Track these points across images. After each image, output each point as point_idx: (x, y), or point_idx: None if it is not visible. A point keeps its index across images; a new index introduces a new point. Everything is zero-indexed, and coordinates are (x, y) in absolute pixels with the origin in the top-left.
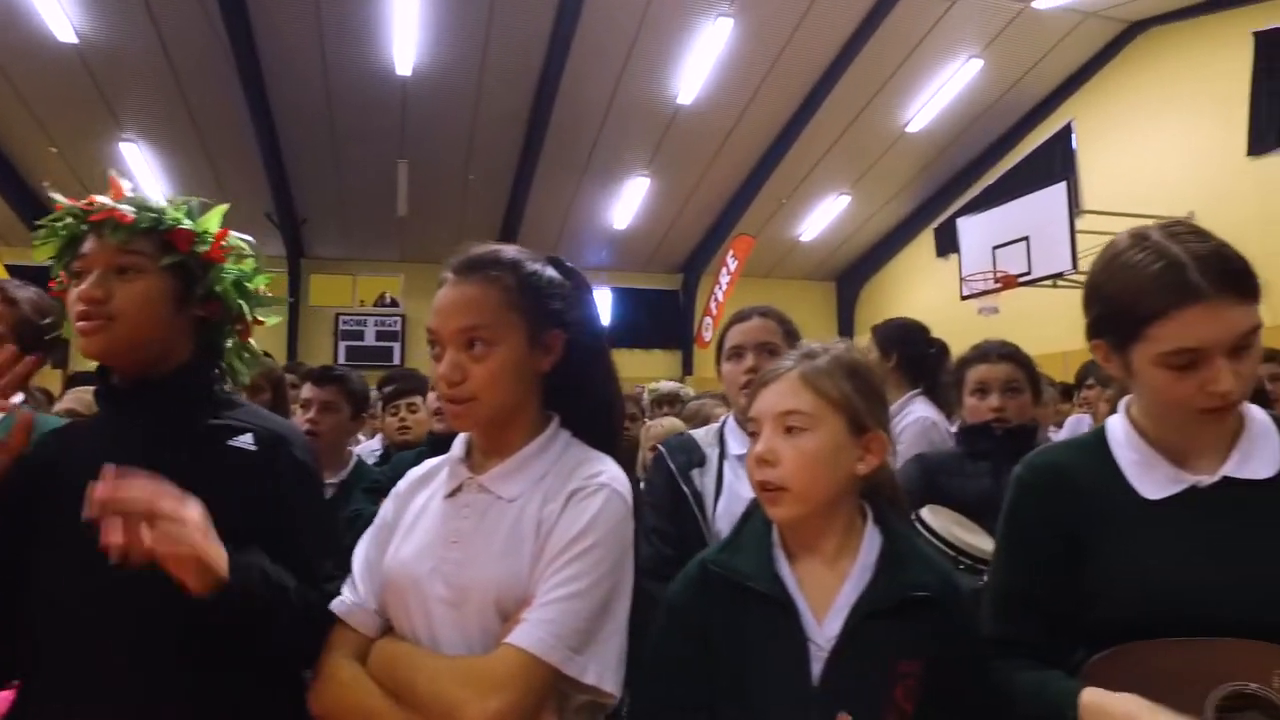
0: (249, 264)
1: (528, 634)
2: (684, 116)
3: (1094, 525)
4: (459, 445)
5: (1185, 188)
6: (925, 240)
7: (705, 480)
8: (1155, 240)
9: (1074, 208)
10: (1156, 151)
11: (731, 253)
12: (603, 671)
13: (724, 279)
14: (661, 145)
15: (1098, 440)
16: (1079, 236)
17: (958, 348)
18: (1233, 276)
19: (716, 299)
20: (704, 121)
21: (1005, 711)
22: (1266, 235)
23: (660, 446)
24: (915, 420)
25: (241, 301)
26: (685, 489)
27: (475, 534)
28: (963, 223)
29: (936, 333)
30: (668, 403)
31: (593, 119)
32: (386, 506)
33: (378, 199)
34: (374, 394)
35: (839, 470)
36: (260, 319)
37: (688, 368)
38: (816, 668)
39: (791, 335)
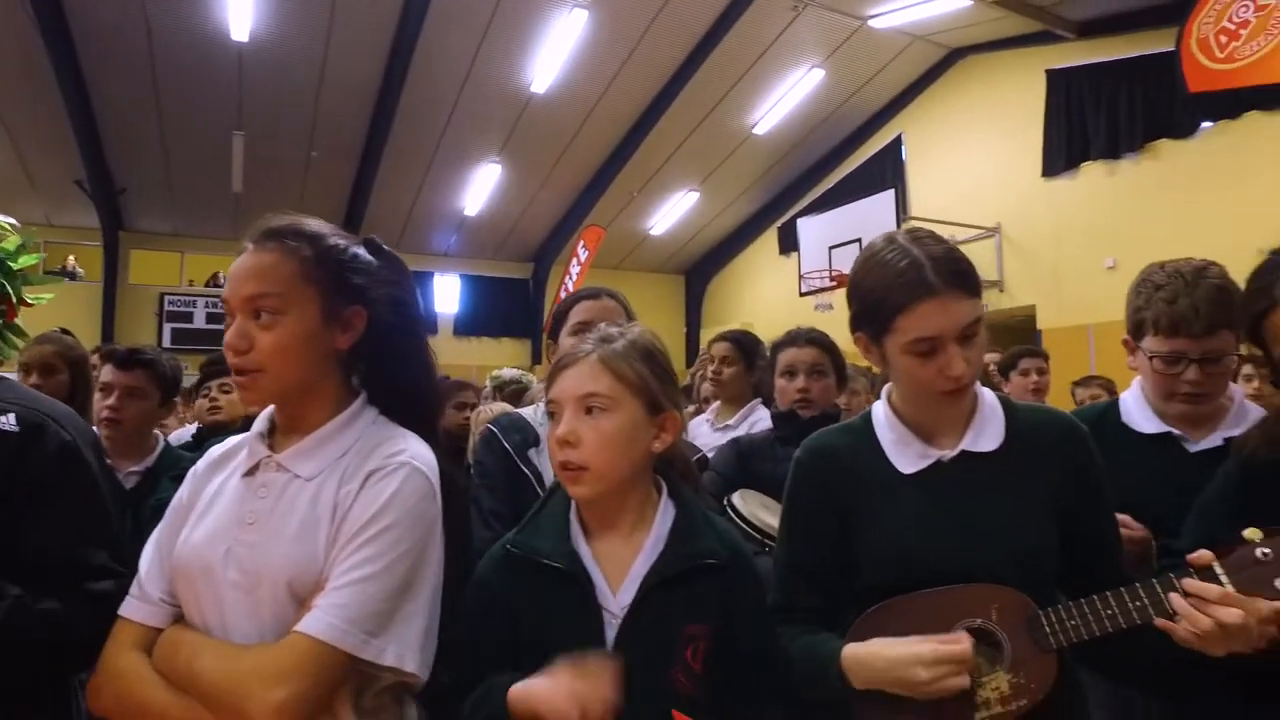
0: (11, 242)
1: (317, 620)
2: (537, 105)
3: (860, 498)
4: (260, 422)
5: (993, 202)
6: (769, 238)
7: (543, 460)
8: (900, 243)
9: (901, 214)
10: (971, 167)
11: (582, 243)
12: (403, 652)
13: (574, 269)
14: (514, 133)
15: (864, 423)
16: None
17: None
18: (960, 275)
19: (567, 288)
20: (557, 111)
21: (785, 673)
22: (1057, 247)
23: (491, 426)
24: (767, 428)
25: (2, 280)
26: (525, 470)
27: (271, 515)
28: (802, 223)
29: (777, 326)
30: (518, 392)
31: (444, 101)
32: (184, 487)
33: (210, 172)
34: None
35: (636, 449)
36: (28, 300)
37: (537, 357)
38: (611, 635)
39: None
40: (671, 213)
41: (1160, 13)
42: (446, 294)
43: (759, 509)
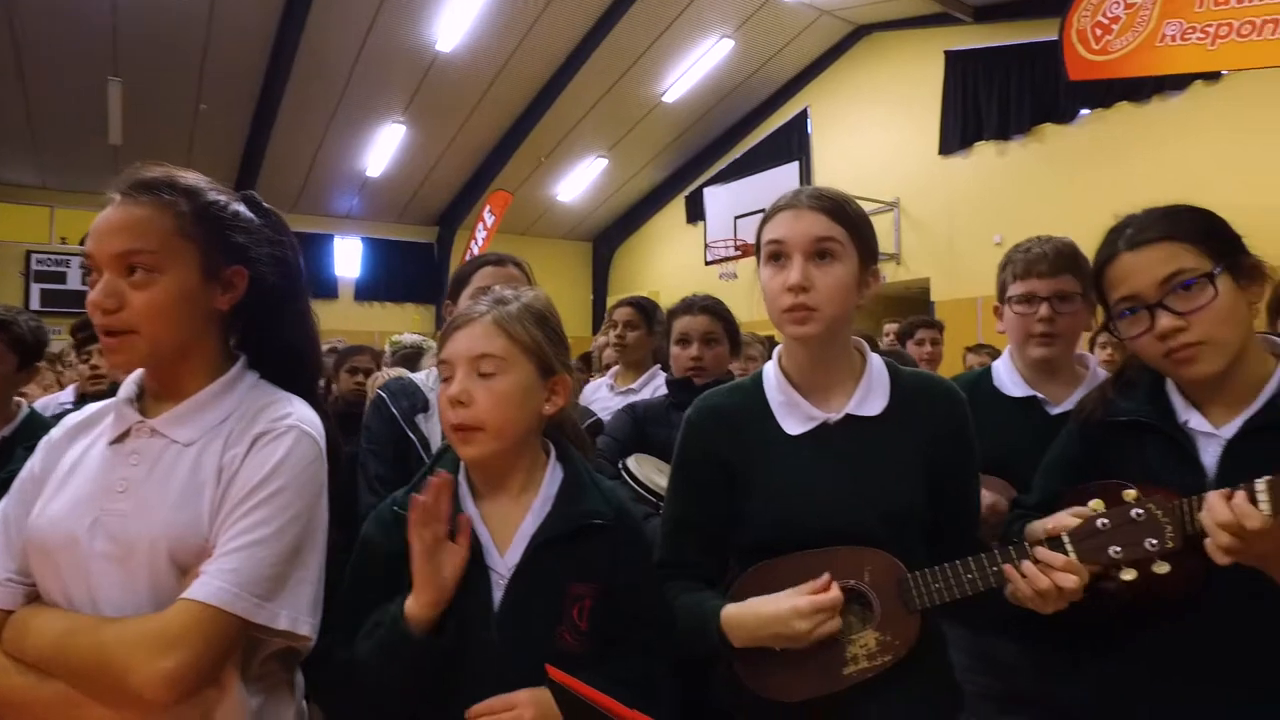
0: None
1: (206, 585)
2: (443, 64)
3: (746, 458)
4: (128, 387)
5: (894, 176)
6: (677, 207)
7: (430, 425)
8: (803, 186)
9: (806, 186)
10: (873, 142)
11: (489, 208)
12: (296, 616)
13: (480, 234)
14: (419, 92)
15: (755, 384)
16: None
17: None
18: (820, 197)
19: (473, 253)
20: (463, 72)
21: (670, 631)
22: (951, 223)
23: (380, 391)
24: (664, 394)
25: None
26: (411, 435)
27: (146, 482)
28: (709, 192)
29: (683, 294)
30: (410, 356)
31: (345, 55)
32: (35, 458)
33: (83, 122)
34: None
35: (528, 410)
36: None
37: (440, 322)
38: (498, 595)
39: None
40: (580, 179)
41: (1049, 1)
42: (347, 258)
43: (653, 472)
